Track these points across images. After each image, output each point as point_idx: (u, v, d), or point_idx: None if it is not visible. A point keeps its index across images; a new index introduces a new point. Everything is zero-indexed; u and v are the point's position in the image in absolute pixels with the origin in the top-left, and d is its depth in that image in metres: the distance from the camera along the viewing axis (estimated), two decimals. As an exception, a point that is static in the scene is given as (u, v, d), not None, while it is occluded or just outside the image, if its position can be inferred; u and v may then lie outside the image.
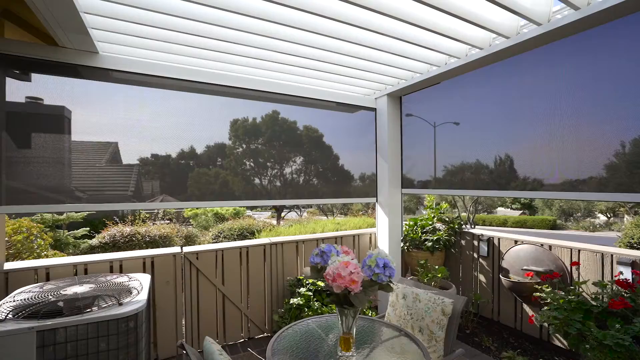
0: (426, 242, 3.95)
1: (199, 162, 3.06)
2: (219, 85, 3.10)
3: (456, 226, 4.08)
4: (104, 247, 5.46)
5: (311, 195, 3.79)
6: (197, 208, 2.93)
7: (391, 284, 1.60)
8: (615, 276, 2.65)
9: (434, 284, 3.54)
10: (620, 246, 5.59)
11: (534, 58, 2.67)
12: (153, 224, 6.52)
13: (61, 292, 2.10)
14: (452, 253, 4.12)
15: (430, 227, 4.13)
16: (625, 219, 25.04)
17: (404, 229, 4.14)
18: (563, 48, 2.48)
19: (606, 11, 2.02)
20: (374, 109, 4.14)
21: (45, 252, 3.86)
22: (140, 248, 5.47)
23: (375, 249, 1.67)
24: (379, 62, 3.08)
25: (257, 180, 3.42)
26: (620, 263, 2.65)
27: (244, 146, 3.33)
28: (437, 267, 3.64)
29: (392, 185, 3.93)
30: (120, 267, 2.79)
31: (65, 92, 2.57)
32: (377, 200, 4.12)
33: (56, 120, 2.57)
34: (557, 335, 3.06)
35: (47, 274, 2.59)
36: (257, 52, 2.81)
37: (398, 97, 4.02)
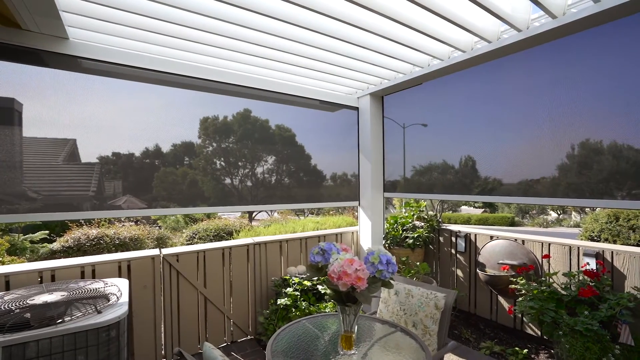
0: (407, 240, 4.04)
1: (165, 161, 2.90)
2: (192, 77, 2.94)
3: (435, 224, 4.22)
4: (67, 252, 5.01)
5: (291, 200, 3.72)
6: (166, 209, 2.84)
7: (392, 281, 1.61)
8: (582, 267, 2.87)
9: (416, 280, 3.63)
10: (582, 239, 6.10)
11: (511, 64, 2.82)
12: (122, 225, 6.10)
13: (28, 301, 1.90)
14: (431, 249, 4.25)
15: (410, 224, 4.23)
16: (572, 216, 27.56)
17: (385, 226, 4.21)
18: (540, 54, 2.64)
19: (581, 21, 2.18)
20: (357, 108, 4.17)
21: (0, 259, 3.46)
22: (109, 251, 5.09)
23: (374, 246, 1.67)
24: (363, 60, 3.07)
25: (227, 180, 3.30)
26: (586, 255, 2.88)
27: (214, 145, 3.20)
28: (418, 263, 3.74)
29: (375, 189, 3.98)
30: (93, 272, 2.57)
31: (18, 81, 2.30)
32: (359, 204, 4.16)
33: (4, 113, 2.30)
34: (529, 324, 3.26)
35: (6, 283, 2.32)
36: (233, 44, 2.69)
37: (380, 97, 4.08)
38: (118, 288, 2.21)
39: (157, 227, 8.32)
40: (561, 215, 29.14)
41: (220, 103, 3.23)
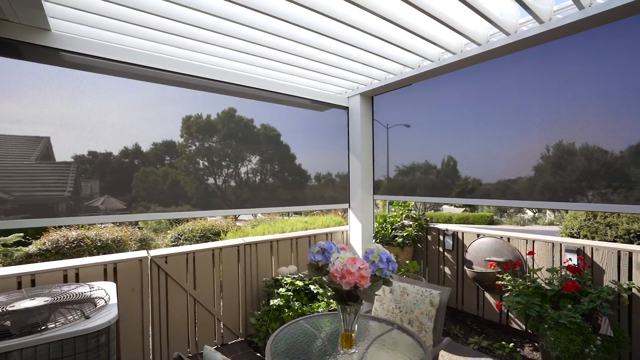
0: (396, 239, 4.09)
1: (146, 160, 2.81)
2: (176, 72, 2.86)
3: (423, 223, 4.29)
4: (44, 255, 4.75)
5: (279, 201, 3.68)
6: (147, 210, 2.68)
7: (391, 279, 1.62)
8: (564, 262, 2.99)
9: (405, 278, 3.68)
10: (562, 236, 6.38)
11: (499, 66, 2.91)
12: (103, 226, 5.85)
13: (7, 308, 1.79)
14: (419, 248, 4.32)
15: (399, 224, 4.29)
16: (547, 214, 28.82)
17: (374, 225, 4.25)
18: (526, 58, 2.74)
19: (566, 27, 2.27)
20: (347, 108, 4.18)
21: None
22: (91, 254, 4.87)
23: (372, 245, 1.67)
24: (354, 59, 3.07)
25: (211, 180, 3.22)
26: (568, 251, 3.00)
27: (197, 144, 3.13)
28: (407, 262, 3.79)
29: (365, 191, 4.01)
30: (77, 276, 2.46)
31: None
32: (349, 206, 4.17)
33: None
34: (514, 319, 3.37)
35: (-19, 288, 2.18)
36: (219, 39, 2.63)
37: (370, 98, 4.11)
38: (105, 292, 2.12)
39: (138, 228, 8.06)
40: (537, 214, 30.37)
41: (204, 101, 3.14)
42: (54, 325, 1.70)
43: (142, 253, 2.78)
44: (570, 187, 2.60)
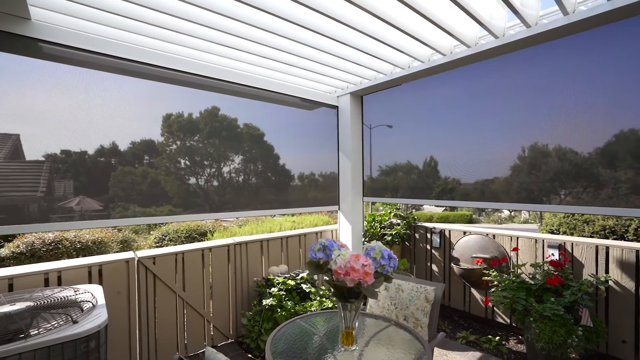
0: (385, 237, 4.14)
1: (123, 159, 2.70)
2: (157, 67, 2.74)
3: (411, 221, 4.37)
4: (18, 259, 4.47)
5: (268, 203, 3.62)
6: (126, 211, 2.56)
7: (392, 275, 1.63)
8: (547, 257, 3.12)
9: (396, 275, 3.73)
10: (543, 232, 6.66)
11: (487, 67, 3.00)
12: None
13: (-15, 314, 1.67)
14: (407, 246, 4.39)
15: (387, 222, 4.34)
16: (522, 213, 30.08)
17: (364, 224, 4.28)
18: (513, 61, 2.83)
19: (552, 31, 2.36)
20: (336, 107, 4.19)
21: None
22: (70, 256, 4.63)
23: (372, 242, 1.68)
24: (345, 58, 3.06)
25: (193, 180, 3.12)
26: (550, 246, 3.13)
27: (179, 143, 3.04)
28: (397, 259, 3.84)
29: (355, 191, 4.02)
30: (59, 279, 2.33)
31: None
32: (339, 208, 4.18)
33: None
34: (500, 313, 3.48)
35: (-47, 294, 2.03)
36: (203, 32, 2.55)
37: (360, 97, 4.13)
38: (92, 295, 2.02)
39: (118, 230, 7.75)
40: (513, 213, 31.59)
41: (186, 99, 3.02)
42: (37, 331, 1.60)
43: (128, 254, 2.67)
44: (544, 186, 2.72)
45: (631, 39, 2.19)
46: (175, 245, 4.87)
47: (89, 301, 1.93)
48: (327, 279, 1.63)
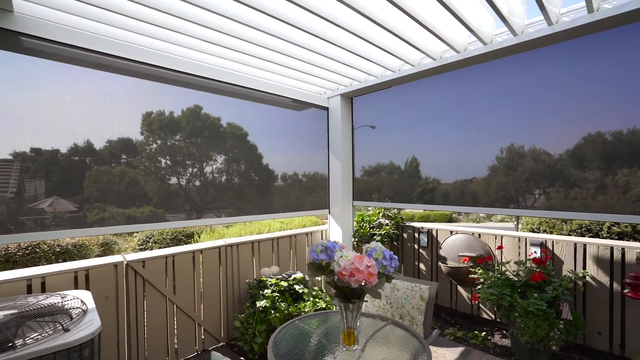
0: (374, 237, 4.20)
1: (99, 159, 2.59)
2: (137, 62, 2.63)
3: (399, 221, 4.45)
4: (-9, 264, 4.22)
5: (262, 211, 3.60)
6: (103, 212, 2.43)
7: (393, 276, 1.67)
8: (529, 255, 3.27)
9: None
10: (524, 231, 6.93)
11: (474, 72, 3.10)
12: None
13: (-34, 324, 1.57)
14: (395, 245, 4.48)
15: (376, 222, 4.40)
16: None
17: (353, 224, 4.32)
18: (500, 67, 2.95)
19: (537, 40, 2.48)
20: (327, 108, 4.20)
21: None
22: (48, 261, 4.39)
23: (372, 243, 1.71)
24: (336, 59, 3.07)
25: (174, 180, 3.05)
26: (532, 244, 3.28)
27: (159, 142, 2.97)
28: (386, 258, 3.90)
29: (345, 196, 4.05)
30: (43, 285, 2.23)
31: None
32: (329, 212, 4.20)
33: None
34: (485, 309, 3.61)
35: None
36: (188, 28, 2.47)
37: (350, 99, 4.17)
38: (81, 301, 1.94)
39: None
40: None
41: (167, 97, 2.92)
42: (23, 341, 1.53)
43: (117, 258, 2.59)
44: (520, 186, 2.86)
45: (611, 51, 2.34)
46: (161, 248, 4.73)
47: (78, 308, 1.85)
48: (329, 279, 1.64)
